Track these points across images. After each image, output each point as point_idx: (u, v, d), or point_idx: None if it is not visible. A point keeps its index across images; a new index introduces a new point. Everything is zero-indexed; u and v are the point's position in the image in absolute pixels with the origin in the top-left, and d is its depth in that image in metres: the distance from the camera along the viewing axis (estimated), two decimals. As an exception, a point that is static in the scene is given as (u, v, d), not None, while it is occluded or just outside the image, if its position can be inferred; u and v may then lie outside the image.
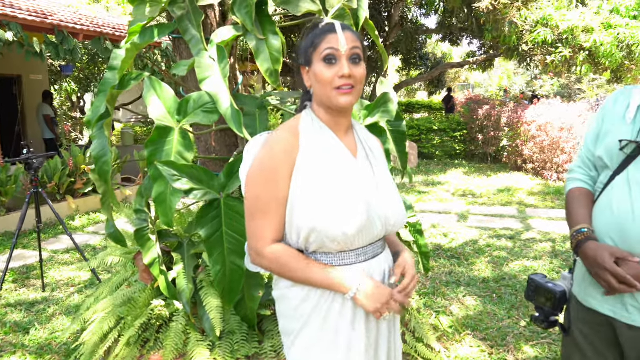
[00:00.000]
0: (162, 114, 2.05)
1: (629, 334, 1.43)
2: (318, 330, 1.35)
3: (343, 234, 1.29)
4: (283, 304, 1.42)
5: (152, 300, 2.51)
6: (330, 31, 1.31)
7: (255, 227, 1.34)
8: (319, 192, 1.30)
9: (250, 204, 1.34)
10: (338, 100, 1.31)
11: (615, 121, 1.51)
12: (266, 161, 1.31)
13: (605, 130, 1.54)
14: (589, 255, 1.42)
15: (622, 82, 9.97)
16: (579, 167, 1.66)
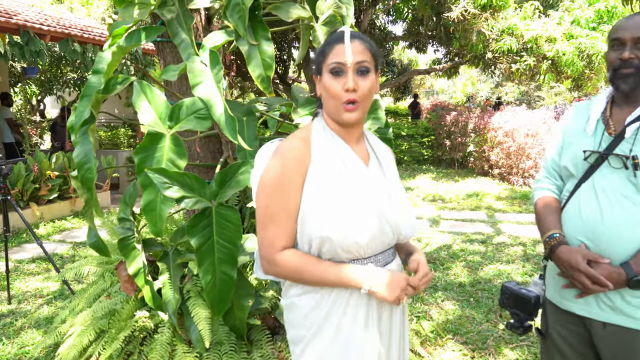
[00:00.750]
0: (153, 120, 1.99)
1: (602, 333, 1.50)
2: (331, 338, 1.33)
3: (355, 243, 1.28)
4: (293, 313, 1.39)
5: (135, 312, 2.43)
6: (339, 41, 1.30)
7: (266, 235, 1.32)
8: (331, 202, 1.28)
9: (261, 212, 1.32)
10: (343, 117, 1.31)
11: (577, 134, 1.60)
12: (278, 170, 1.29)
13: (568, 142, 1.63)
14: (563, 259, 1.49)
15: (582, 90, 10.35)
16: (545, 177, 1.74)
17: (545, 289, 1.70)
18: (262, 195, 1.31)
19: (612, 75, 1.49)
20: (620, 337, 1.46)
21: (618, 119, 1.51)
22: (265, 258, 1.33)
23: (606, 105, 1.56)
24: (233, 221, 2.03)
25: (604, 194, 1.47)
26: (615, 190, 1.46)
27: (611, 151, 1.47)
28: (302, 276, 1.31)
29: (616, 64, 1.46)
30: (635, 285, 1.38)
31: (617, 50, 1.47)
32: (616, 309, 1.45)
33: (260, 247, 1.34)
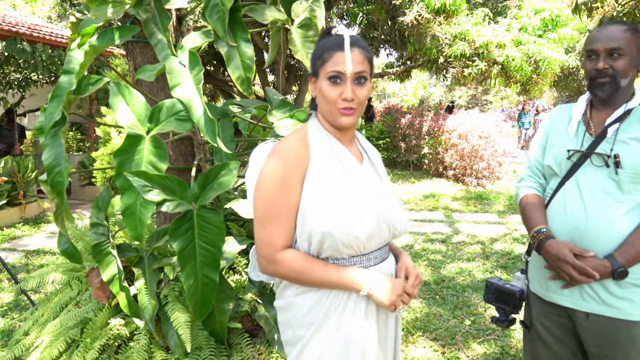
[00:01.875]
0: (132, 122, 1.95)
1: (585, 323, 1.59)
2: (330, 336, 1.34)
3: (356, 239, 1.31)
4: (290, 312, 1.40)
5: (109, 320, 2.36)
6: (339, 48, 1.31)
7: (265, 234, 1.32)
8: (332, 199, 1.31)
9: (260, 212, 1.32)
10: (339, 120, 1.34)
11: (559, 135, 1.70)
12: (278, 169, 1.30)
13: (551, 142, 1.73)
14: (551, 252, 1.57)
15: (530, 94, 10.81)
16: (529, 176, 1.83)
17: (529, 283, 1.78)
18: (263, 193, 1.31)
19: (590, 84, 1.59)
20: (603, 326, 1.55)
21: (597, 120, 1.61)
22: (265, 257, 1.33)
23: (586, 108, 1.65)
24: (215, 224, 2.01)
25: (588, 191, 1.56)
26: (598, 187, 1.55)
27: (593, 150, 1.57)
28: (302, 276, 1.32)
29: (592, 74, 1.57)
30: (619, 276, 1.47)
31: (593, 60, 1.57)
32: (599, 299, 1.54)
33: (260, 246, 1.34)
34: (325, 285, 1.32)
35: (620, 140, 1.53)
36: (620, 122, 1.55)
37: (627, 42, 1.50)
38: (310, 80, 1.40)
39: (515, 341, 3.28)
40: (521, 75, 9.47)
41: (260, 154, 1.42)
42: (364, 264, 1.37)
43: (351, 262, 1.35)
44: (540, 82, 9.93)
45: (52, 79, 8.64)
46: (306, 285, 1.35)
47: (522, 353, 3.11)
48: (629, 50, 1.51)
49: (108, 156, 5.44)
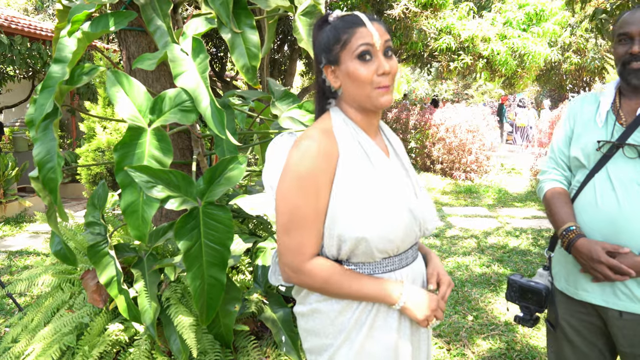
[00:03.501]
0: (132, 113, 1.81)
1: (619, 323, 1.52)
2: (362, 344, 1.24)
3: (390, 242, 1.21)
4: (315, 319, 1.29)
5: (107, 325, 2.22)
6: (358, 24, 1.20)
7: (291, 241, 1.19)
8: (365, 200, 1.20)
9: (285, 217, 1.19)
10: (379, 101, 1.22)
11: (586, 125, 1.62)
12: (304, 168, 1.17)
13: (578, 133, 1.64)
14: (583, 252, 1.49)
15: (515, 88, 10.86)
16: (554, 168, 1.74)
17: (553, 280, 1.71)
18: (288, 196, 1.18)
19: (622, 70, 1.51)
20: (638, 325, 1.48)
21: (628, 109, 1.53)
22: (290, 266, 1.21)
23: (615, 96, 1.58)
24: (223, 221, 1.89)
25: (620, 183, 1.48)
26: (631, 180, 1.47)
27: (624, 141, 1.49)
28: (330, 287, 1.21)
29: (626, 58, 1.48)
30: None
31: (626, 44, 1.49)
32: (634, 297, 1.47)
33: (285, 253, 1.21)
34: (357, 297, 1.22)
35: None
36: None
37: None
38: (327, 71, 1.26)
39: (519, 336, 3.23)
40: (506, 69, 9.48)
41: (279, 149, 1.30)
42: (396, 265, 1.28)
43: (383, 264, 1.26)
44: (525, 76, 9.97)
45: (29, 73, 8.34)
46: (333, 297, 1.24)
47: (527, 348, 3.07)
48: None
49: (93, 152, 5.25)
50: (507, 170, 10.55)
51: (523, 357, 2.95)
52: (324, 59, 1.25)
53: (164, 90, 1.90)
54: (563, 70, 11.71)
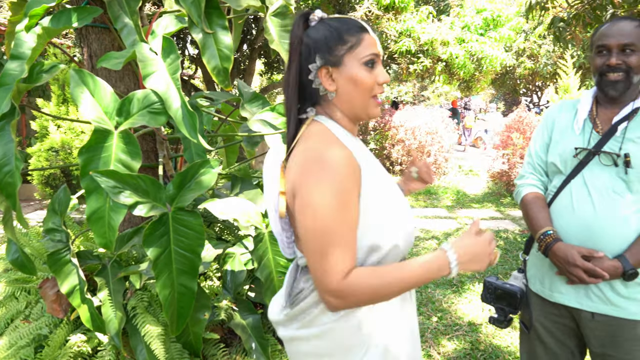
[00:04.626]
0: (98, 115, 1.73)
1: (591, 324, 1.56)
2: (386, 343, 1.20)
3: (409, 244, 1.21)
4: (328, 340, 1.20)
5: (69, 336, 2.11)
6: (363, 30, 1.17)
7: (328, 264, 1.07)
8: (392, 208, 1.17)
9: (319, 239, 1.07)
10: (373, 110, 1.19)
11: (564, 131, 1.66)
12: (335, 185, 1.07)
13: (555, 140, 1.68)
14: (560, 256, 1.53)
15: (472, 91, 11.13)
16: (531, 173, 1.77)
17: (528, 282, 1.74)
18: (324, 215, 1.07)
19: (599, 80, 1.54)
20: (609, 326, 1.52)
21: (604, 118, 1.58)
22: (333, 292, 1.07)
23: (592, 105, 1.62)
24: (194, 228, 1.83)
25: (596, 190, 1.52)
26: (606, 186, 1.51)
27: (600, 148, 1.53)
28: (381, 292, 1.10)
29: (603, 69, 1.52)
30: (630, 277, 1.44)
31: (603, 56, 1.52)
32: (606, 299, 1.51)
33: (322, 279, 1.08)
34: (410, 286, 1.12)
35: (629, 139, 1.50)
36: (628, 120, 1.52)
37: (639, 38, 1.48)
38: (322, 72, 1.17)
39: (483, 336, 3.29)
40: (464, 72, 9.70)
41: (278, 166, 1.25)
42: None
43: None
44: (482, 79, 10.23)
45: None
46: (383, 300, 1.15)
47: (491, 348, 3.13)
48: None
49: (46, 152, 5.02)
50: (464, 172, 10.80)
51: (487, 356, 3.01)
52: (319, 59, 1.17)
53: (127, 91, 1.83)
54: (517, 74, 12.11)
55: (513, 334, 3.29)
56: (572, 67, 6.95)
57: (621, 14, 3.35)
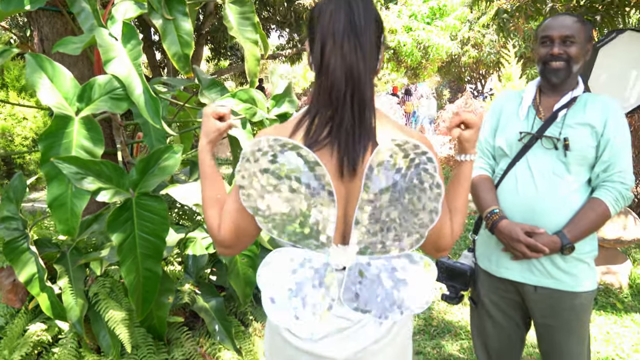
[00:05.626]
0: (57, 101, 1.71)
1: (534, 296, 1.71)
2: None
3: None
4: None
5: (28, 326, 2.09)
6: None
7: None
8: None
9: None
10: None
11: (510, 117, 1.79)
12: None
13: (502, 125, 1.81)
14: (504, 232, 1.66)
15: (419, 78, 11.42)
16: (479, 157, 1.91)
17: (477, 260, 1.87)
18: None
19: (543, 68, 1.68)
20: (549, 298, 1.67)
21: (546, 105, 1.71)
22: (450, 247, 1.19)
23: (535, 93, 1.75)
24: (158, 212, 1.85)
25: (538, 171, 1.65)
26: (547, 168, 1.65)
27: (542, 133, 1.66)
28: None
29: (546, 58, 1.66)
30: (567, 251, 1.59)
31: (547, 46, 1.66)
32: (547, 273, 1.66)
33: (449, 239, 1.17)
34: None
35: (568, 125, 1.64)
36: (567, 108, 1.67)
37: (578, 31, 1.61)
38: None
39: (435, 313, 3.46)
40: (412, 60, 9.95)
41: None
42: None
43: None
44: (428, 67, 10.52)
45: None
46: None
47: (443, 323, 3.31)
48: (580, 39, 1.62)
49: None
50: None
51: (440, 331, 3.18)
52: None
53: (81, 77, 1.81)
54: (462, 63, 12.52)
55: (463, 309, 3.48)
56: (514, 57, 7.27)
57: (559, 7, 3.55)
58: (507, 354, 1.91)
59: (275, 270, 1.13)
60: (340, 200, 1.07)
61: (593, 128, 1.61)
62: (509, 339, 1.87)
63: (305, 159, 1.02)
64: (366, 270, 1.11)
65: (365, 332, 1.12)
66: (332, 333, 1.11)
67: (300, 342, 1.12)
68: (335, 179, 1.05)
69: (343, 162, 1.03)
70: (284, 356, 1.16)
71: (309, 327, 1.11)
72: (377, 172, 1.03)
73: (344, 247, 1.11)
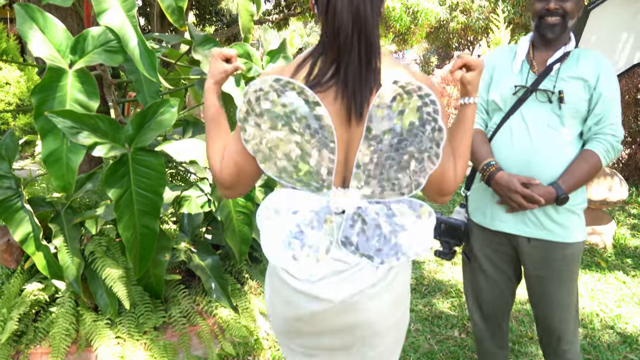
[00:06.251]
0: (50, 53, 1.66)
1: (527, 248, 1.74)
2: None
3: None
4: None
5: (24, 285, 2.08)
6: None
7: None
8: None
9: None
10: None
11: (504, 72, 1.80)
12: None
13: (496, 80, 1.81)
14: (501, 183, 1.68)
15: (407, 44, 11.32)
16: None
17: (470, 216, 1.89)
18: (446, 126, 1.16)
19: (538, 23, 1.67)
20: (542, 249, 1.71)
21: (540, 60, 1.72)
22: (453, 191, 1.19)
23: (529, 48, 1.76)
24: (155, 168, 1.83)
25: (533, 124, 1.67)
26: (542, 121, 1.67)
27: (536, 86, 1.67)
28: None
29: (542, 13, 1.65)
30: (562, 201, 1.62)
31: (543, 1, 1.65)
32: (540, 225, 1.69)
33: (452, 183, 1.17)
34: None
35: (562, 78, 1.66)
36: (561, 62, 1.67)
37: None
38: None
39: (426, 272, 3.53)
40: (400, 25, 9.84)
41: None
42: None
43: None
44: (417, 33, 10.42)
45: None
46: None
47: (434, 282, 3.38)
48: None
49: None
50: None
51: (431, 289, 3.25)
52: None
53: (71, 32, 1.75)
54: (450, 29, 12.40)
55: (453, 269, 3.55)
56: (503, 22, 7.21)
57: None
58: (498, 307, 1.95)
59: (275, 211, 1.14)
60: (342, 144, 1.07)
61: (586, 82, 1.63)
62: (501, 292, 1.91)
63: (305, 100, 1.01)
64: (365, 214, 1.12)
65: (362, 275, 1.13)
66: (329, 275, 1.12)
67: (297, 283, 1.13)
68: (337, 123, 1.04)
69: (351, 106, 1.03)
70: (282, 297, 1.18)
71: (306, 269, 1.13)
72: (379, 114, 1.02)
73: (344, 190, 1.11)
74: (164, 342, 2.10)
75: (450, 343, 2.60)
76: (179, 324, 2.18)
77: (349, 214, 1.12)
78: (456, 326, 2.77)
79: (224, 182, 1.14)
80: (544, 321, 1.81)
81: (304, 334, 1.20)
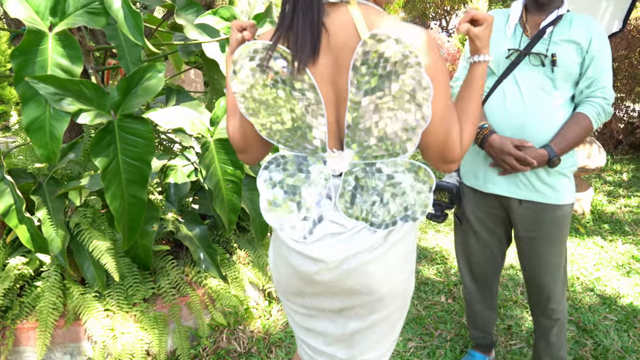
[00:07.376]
0: (28, 14, 1.57)
1: (519, 210, 1.77)
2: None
3: None
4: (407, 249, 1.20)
5: (7, 260, 2.01)
6: None
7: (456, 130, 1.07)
8: None
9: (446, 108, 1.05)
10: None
11: (497, 35, 1.79)
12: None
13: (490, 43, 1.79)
14: (495, 146, 1.69)
15: (384, 15, 11.19)
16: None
17: (461, 179, 1.91)
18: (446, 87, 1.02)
19: None
20: (533, 211, 1.73)
21: (532, 23, 1.72)
22: (459, 158, 1.10)
23: (521, 11, 1.75)
24: (143, 135, 1.77)
25: (526, 87, 1.67)
26: (534, 84, 1.67)
27: (530, 50, 1.67)
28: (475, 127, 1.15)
29: None
30: (554, 163, 1.63)
31: None
32: (532, 187, 1.71)
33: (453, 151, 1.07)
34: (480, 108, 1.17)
35: (555, 42, 1.66)
36: (553, 25, 1.67)
37: None
38: None
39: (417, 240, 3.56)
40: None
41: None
42: None
43: None
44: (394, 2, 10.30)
45: None
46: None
47: (419, 249, 3.42)
48: None
49: None
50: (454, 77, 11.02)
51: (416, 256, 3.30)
52: None
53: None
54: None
55: (437, 236, 3.60)
56: (481, -10, 7.18)
57: None
58: (489, 269, 1.99)
59: (273, 172, 1.16)
60: (330, 104, 1.03)
61: (578, 45, 1.64)
62: (492, 254, 1.94)
63: (288, 61, 1.00)
64: (362, 176, 1.09)
65: (359, 238, 1.10)
66: (326, 237, 1.11)
67: (294, 243, 1.14)
68: (321, 83, 1.01)
69: (294, 63, 0.99)
70: (282, 258, 1.20)
71: (303, 230, 1.12)
72: (361, 71, 0.96)
73: (340, 152, 1.08)
74: (154, 314, 2.08)
75: (438, 308, 2.65)
76: (168, 295, 2.15)
77: (345, 175, 1.10)
78: (442, 292, 2.81)
79: (237, 146, 1.20)
80: (533, 282, 1.85)
81: (305, 295, 1.20)
